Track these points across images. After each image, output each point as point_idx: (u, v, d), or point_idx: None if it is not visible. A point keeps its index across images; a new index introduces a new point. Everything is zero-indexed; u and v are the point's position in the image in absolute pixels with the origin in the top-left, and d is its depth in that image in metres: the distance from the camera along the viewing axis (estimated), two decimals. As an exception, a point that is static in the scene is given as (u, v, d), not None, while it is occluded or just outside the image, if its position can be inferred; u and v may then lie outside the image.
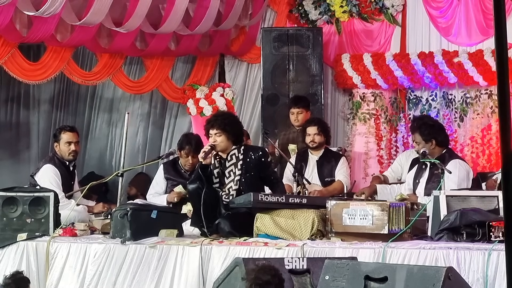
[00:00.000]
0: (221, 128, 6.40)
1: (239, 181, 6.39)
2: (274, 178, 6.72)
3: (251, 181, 6.43)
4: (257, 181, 6.53)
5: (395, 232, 5.72)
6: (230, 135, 6.43)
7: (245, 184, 6.39)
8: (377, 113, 9.92)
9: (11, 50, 8.29)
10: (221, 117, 6.56)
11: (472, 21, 9.58)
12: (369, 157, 9.92)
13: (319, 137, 8.13)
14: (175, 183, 7.55)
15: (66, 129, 7.46)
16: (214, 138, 6.42)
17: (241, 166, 6.42)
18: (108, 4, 8.01)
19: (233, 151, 6.46)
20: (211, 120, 6.58)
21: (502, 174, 2.71)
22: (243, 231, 6.16)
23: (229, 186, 6.41)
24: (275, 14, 10.50)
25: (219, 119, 6.51)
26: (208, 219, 6.27)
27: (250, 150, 6.59)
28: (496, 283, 5.25)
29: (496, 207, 5.88)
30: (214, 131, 6.42)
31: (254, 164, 6.45)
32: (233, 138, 6.45)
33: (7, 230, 6.54)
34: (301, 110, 8.75)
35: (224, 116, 6.63)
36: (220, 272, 5.49)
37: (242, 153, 6.46)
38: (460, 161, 7.14)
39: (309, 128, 8.19)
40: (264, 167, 6.54)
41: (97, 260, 6.26)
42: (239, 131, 6.56)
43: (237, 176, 6.41)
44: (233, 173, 6.43)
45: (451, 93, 9.71)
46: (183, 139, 7.73)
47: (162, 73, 9.99)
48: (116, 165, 10.62)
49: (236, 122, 6.63)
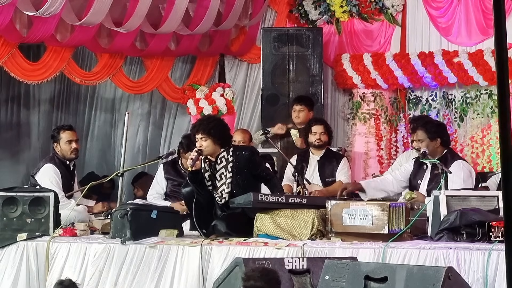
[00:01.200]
0: (206, 132, 6.34)
1: (230, 183, 6.36)
2: (266, 174, 6.66)
3: (243, 182, 6.39)
4: (250, 181, 6.48)
5: (395, 232, 5.72)
6: (216, 138, 6.37)
7: (237, 186, 6.36)
8: (377, 113, 9.92)
9: (11, 50, 8.29)
10: (205, 121, 6.49)
11: (472, 21, 9.59)
12: (369, 157, 9.92)
13: (324, 136, 8.16)
14: (175, 183, 7.54)
15: (65, 128, 7.46)
16: (200, 142, 6.36)
17: (231, 168, 6.38)
18: (108, 4, 8.01)
19: (222, 153, 6.42)
20: (195, 125, 6.53)
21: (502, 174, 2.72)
22: (239, 231, 6.16)
23: (221, 189, 6.38)
24: (275, 14, 10.50)
25: (203, 123, 6.45)
26: (203, 221, 6.27)
27: (238, 150, 6.56)
28: (496, 283, 5.25)
29: (496, 207, 5.87)
30: (199, 136, 6.37)
31: (244, 164, 6.42)
32: (219, 141, 6.40)
33: (7, 230, 6.54)
34: (303, 107, 8.80)
35: (209, 120, 6.54)
36: (220, 272, 5.49)
37: (231, 155, 6.42)
38: (462, 161, 7.08)
39: (315, 126, 8.19)
40: (254, 165, 6.50)
41: (97, 260, 6.26)
42: (225, 133, 6.48)
43: (229, 178, 6.37)
44: (224, 175, 6.39)
45: (451, 93, 9.72)
46: (183, 141, 7.73)
47: (162, 73, 9.99)
48: (116, 165, 10.62)
49: (221, 125, 6.52)
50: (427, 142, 6.97)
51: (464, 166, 6.96)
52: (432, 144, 6.97)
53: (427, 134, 7.00)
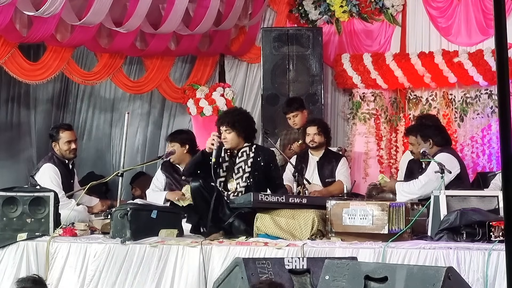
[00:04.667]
0: (231, 125, 6.39)
1: (248, 178, 6.40)
2: (279, 183, 6.71)
3: (258, 180, 6.45)
4: (263, 181, 6.55)
5: (395, 232, 5.72)
6: (240, 132, 6.41)
7: (253, 182, 6.40)
8: (377, 113, 9.92)
9: (11, 50, 8.29)
10: (231, 114, 6.54)
11: (472, 21, 9.59)
12: (369, 157, 9.92)
13: (319, 137, 8.13)
14: (173, 182, 7.56)
15: (64, 127, 7.46)
16: (224, 134, 6.42)
17: (251, 164, 6.43)
18: (108, 4, 8.01)
19: (244, 148, 6.47)
20: (221, 117, 6.58)
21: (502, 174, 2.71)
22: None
23: (237, 182, 6.41)
24: (275, 14, 10.50)
25: (229, 115, 6.50)
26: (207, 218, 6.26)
27: (261, 150, 6.59)
28: (496, 283, 5.25)
29: (496, 207, 5.88)
30: (224, 128, 6.42)
31: (263, 165, 6.48)
32: (243, 134, 6.44)
33: (7, 230, 6.54)
34: (296, 113, 8.71)
35: (235, 113, 6.59)
36: (220, 272, 5.48)
37: (253, 152, 6.46)
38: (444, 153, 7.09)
39: (309, 128, 8.20)
40: (271, 170, 6.55)
41: (97, 260, 6.26)
42: (249, 127, 6.52)
43: (246, 173, 6.42)
44: (242, 169, 6.43)
45: (451, 93, 9.71)
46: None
47: (162, 73, 9.99)
48: (116, 165, 10.62)
49: (247, 119, 6.56)
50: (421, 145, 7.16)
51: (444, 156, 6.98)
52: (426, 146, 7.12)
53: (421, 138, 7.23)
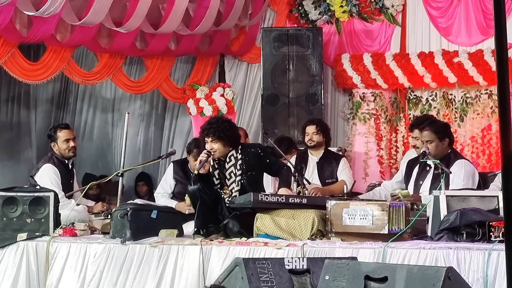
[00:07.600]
0: (216, 135, 6.38)
1: (240, 181, 6.39)
2: (276, 167, 6.64)
3: (253, 180, 6.44)
4: (260, 178, 6.54)
5: (395, 232, 5.72)
6: (226, 141, 6.41)
7: (247, 183, 6.40)
8: (377, 113, 9.93)
9: (11, 50, 8.30)
10: (215, 125, 6.51)
11: (472, 21, 9.59)
12: (369, 157, 9.92)
13: (317, 136, 8.12)
14: (183, 185, 7.50)
15: (61, 126, 7.45)
16: (210, 145, 6.40)
17: (240, 166, 6.42)
18: (108, 4, 8.01)
19: (231, 152, 6.46)
20: (205, 128, 6.53)
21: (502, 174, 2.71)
22: (251, 231, 6.16)
23: (231, 188, 6.41)
24: (275, 14, 10.51)
25: (213, 126, 6.46)
26: (208, 220, 6.27)
27: (247, 148, 6.59)
28: (496, 283, 5.24)
29: (496, 207, 5.87)
30: (209, 139, 6.41)
31: (253, 161, 6.46)
32: (229, 143, 6.44)
33: (7, 230, 6.53)
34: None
35: (218, 123, 6.56)
36: (220, 272, 5.48)
37: (240, 153, 6.45)
38: (465, 161, 6.91)
39: (308, 127, 8.19)
40: (263, 161, 6.53)
41: (97, 260, 6.25)
42: (234, 136, 6.51)
43: (238, 176, 6.41)
44: (233, 174, 6.42)
45: (451, 93, 9.72)
46: (191, 143, 7.73)
47: (162, 73, 9.99)
48: (116, 165, 10.62)
49: (231, 128, 6.54)
50: (436, 143, 6.83)
51: (466, 166, 6.83)
52: (440, 144, 6.84)
53: (436, 135, 6.84)
